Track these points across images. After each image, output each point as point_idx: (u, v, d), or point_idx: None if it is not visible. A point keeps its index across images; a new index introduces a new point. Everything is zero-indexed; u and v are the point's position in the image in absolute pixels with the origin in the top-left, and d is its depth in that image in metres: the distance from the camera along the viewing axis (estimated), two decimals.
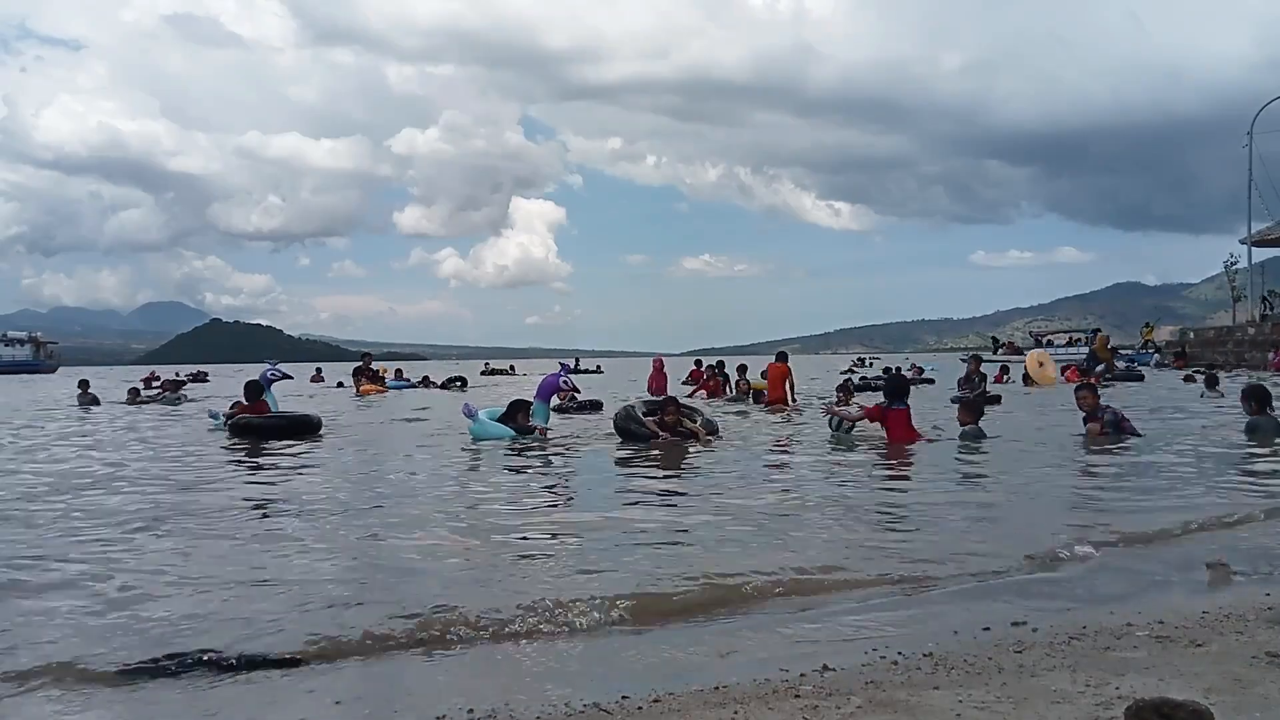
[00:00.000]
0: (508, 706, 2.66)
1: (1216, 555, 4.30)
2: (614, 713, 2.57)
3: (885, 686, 2.69)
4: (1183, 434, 9.96)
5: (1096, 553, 4.50)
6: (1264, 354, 31.24)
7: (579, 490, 7.10)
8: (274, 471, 8.45)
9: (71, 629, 3.51)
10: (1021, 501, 6.18)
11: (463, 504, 6.38)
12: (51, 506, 6.40)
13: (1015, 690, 2.59)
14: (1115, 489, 6.63)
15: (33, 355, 73.16)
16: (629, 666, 3.05)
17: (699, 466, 8.21)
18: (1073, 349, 49.16)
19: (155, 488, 7.33)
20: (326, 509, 6.20)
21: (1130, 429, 9.41)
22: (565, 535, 5.21)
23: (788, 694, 2.64)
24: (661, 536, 5.08)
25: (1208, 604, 3.54)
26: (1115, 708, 2.34)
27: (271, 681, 2.94)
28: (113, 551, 4.87)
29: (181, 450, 10.40)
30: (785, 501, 6.15)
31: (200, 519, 5.84)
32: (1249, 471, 7.34)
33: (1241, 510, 5.57)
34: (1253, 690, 2.54)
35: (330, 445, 10.69)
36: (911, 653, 3.03)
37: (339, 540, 5.17)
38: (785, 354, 17.81)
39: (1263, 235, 40.48)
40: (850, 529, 5.23)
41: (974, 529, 5.26)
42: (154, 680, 2.95)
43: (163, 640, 3.31)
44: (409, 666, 3.12)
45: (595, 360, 58.97)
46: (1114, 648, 3.01)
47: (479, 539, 5.09)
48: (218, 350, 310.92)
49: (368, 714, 2.69)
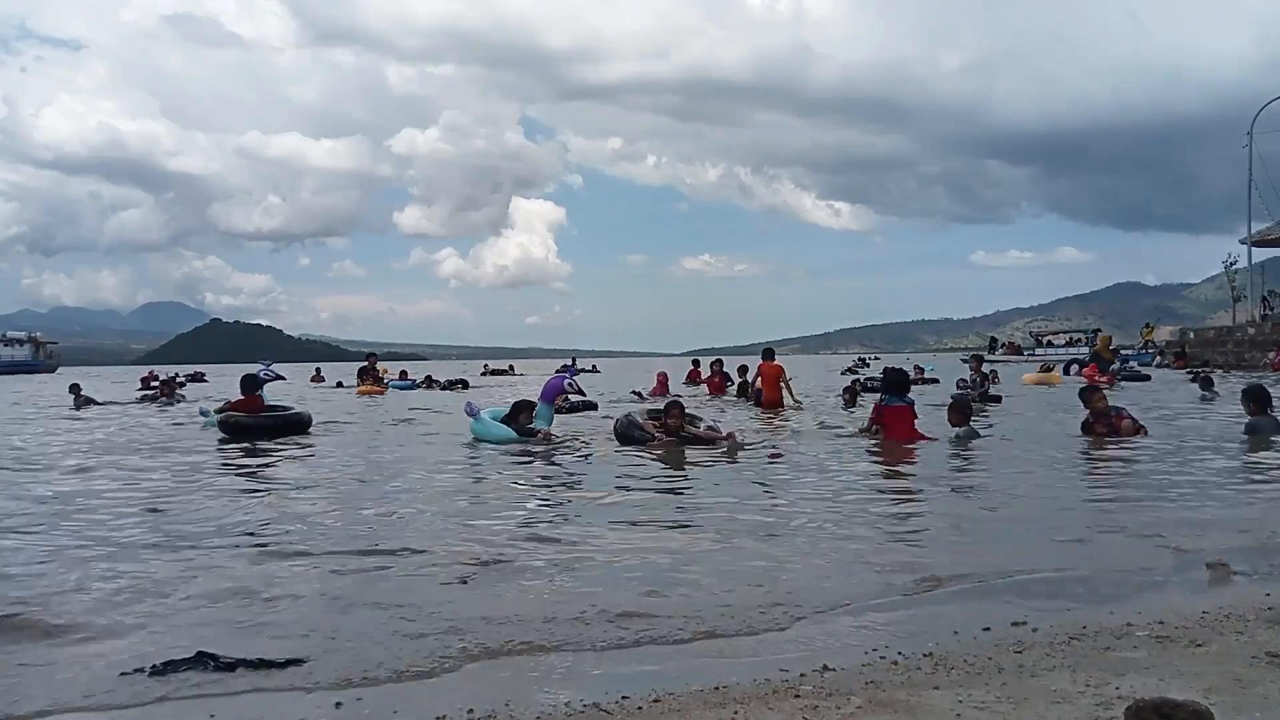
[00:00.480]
0: (508, 707, 2.66)
1: (1216, 555, 4.30)
2: (614, 713, 2.57)
3: (885, 686, 2.69)
4: (1187, 435, 9.95)
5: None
6: (1264, 354, 31.25)
7: (580, 497, 7.08)
8: (269, 473, 8.45)
9: (67, 629, 3.51)
10: (1023, 506, 6.17)
11: (463, 509, 6.38)
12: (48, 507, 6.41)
13: (1015, 690, 2.59)
14: (1115, 489, 6.63)
15: (32, 355, 73.14)
16: (629, 667, 3.04)
17: (698, 471, 8.20)
18: (1073, 349, 49.14)
19: (141, 493, 7.32)
20: (324, 509, 6.21)
21: (1133, 427, 9.35)
22: (565, 544, 5.21)
23: (788, 694, 2.64)
24: (661, 542, 5.08)
25: (1208, 604, 3.54)
26: (1115, 708, 2.34)
27: (271, 682, 2.94)
28: (109, 553, 4.87)
29: (171, 450, 10.39)
30: (778, 508, 6.15)
31: (197, 518, 5.84)
32: (1248, 471, 7.34)
33: (1242, 510, 5.57)
34: (1253, 690, 2.54)
35: (330, 444, 10.69)
36: (911, 653, 3.03)
37: (336, 539, 5.16)
38: (772, 351, 16.68)
39: (1263, 235, 40.49)
40: (842, 535, 5.23)
41: (965, 535, 5.25)
42: (153, 681, 2.94)
43: (162, 641, 3.32)
44: (409, 667, 3.11)
45: (592, 360, 58.96)
46: (1114, 648, 3.01)
47: (479, 544, 5.09)
48: (218, 350, 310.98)
49: (368, 714, 2.68)
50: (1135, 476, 7.26)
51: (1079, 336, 56.65)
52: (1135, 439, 9.14)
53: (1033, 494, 6.46)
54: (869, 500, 6.22)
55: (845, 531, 5.17)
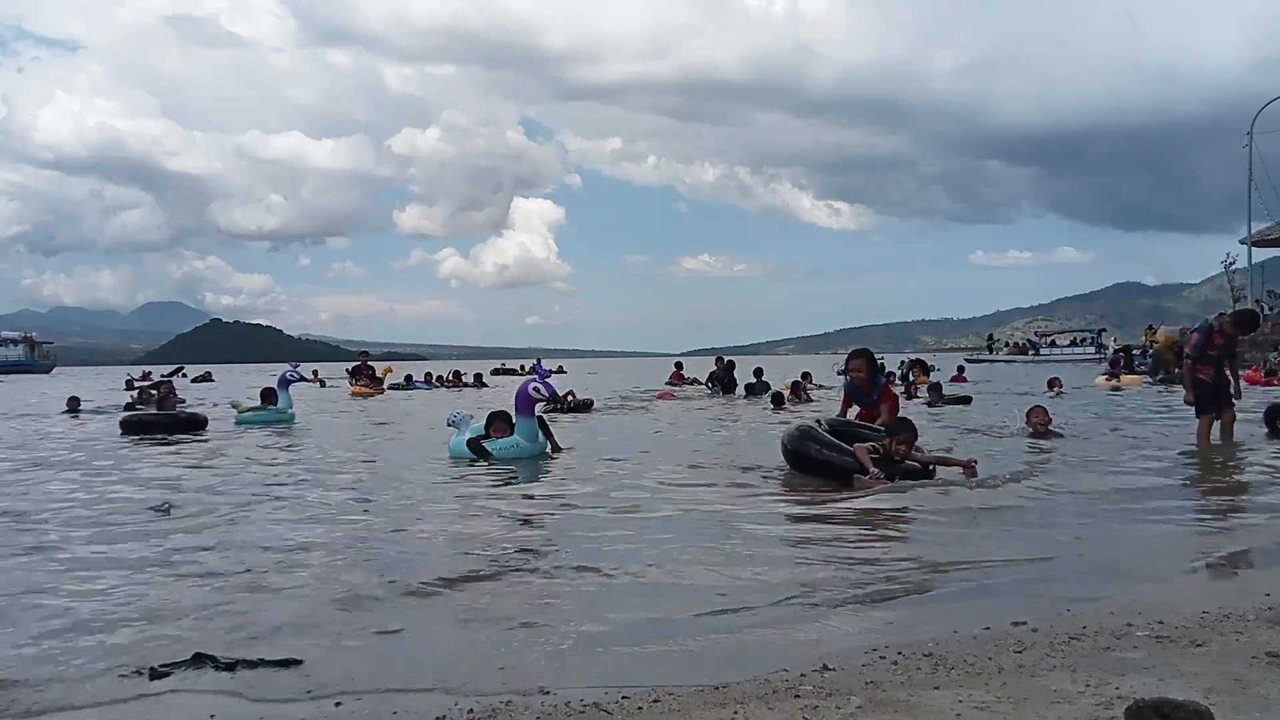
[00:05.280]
0: (508, 707, 2.66)
1: (1217, 555, 4.30)
2: (614, 713, 2.57)
3: (885, 686, 2.68)
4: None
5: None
6: (1264, 354, 31.23)
7: (580, 497, 7.05)
8: (269, 473, 8.45)
9: (67, 630, 3.51)
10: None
11: (463, 509, 6.38)
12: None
13: (1015, 690, 2.59)
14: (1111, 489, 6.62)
15: (26, 355, 72.61)
16: (629, 666, 3.04)
17: (699, 471, 8.18)
18: (1078, 349, 49.13)
19: (131, 487, 7.33)
20: (316, 499, 6.21)
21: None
22: (565, 545, 5.20)
23: (788, 694, 2.64)
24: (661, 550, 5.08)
25: (1208, 604, 3.54)
26: (1115, 708, 2.34)
27: (270, 682, 2.94)
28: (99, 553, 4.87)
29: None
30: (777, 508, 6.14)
31: (194, 521, 5.84)
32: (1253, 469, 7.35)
33: (1243, 510, 5.57)
34: (1253, 690, 2.54)
35: (325, 442, 10.68)
36: (911, 653, 3.03)
37: (332, 541, 5.17)
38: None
39: (1262, 235, 40.51)
40: (842, 534, 5.23)
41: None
42: (151, 682, 2.94)
43: (159, 642, 3.32)
44: (408, 668, 3.11)
45: (592, 361, 58.86)
46: (1114, 648, 3.01)
47: (479, 544, 5.09)
48: (217, 350, 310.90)
49: (368, 715, 2.68)
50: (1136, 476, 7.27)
51: (1084, 336, 56.64)
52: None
53: (1030, 494, 6.45)
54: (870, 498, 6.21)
55: (846, 531, 5.18)
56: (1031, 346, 55.53)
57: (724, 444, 10.60)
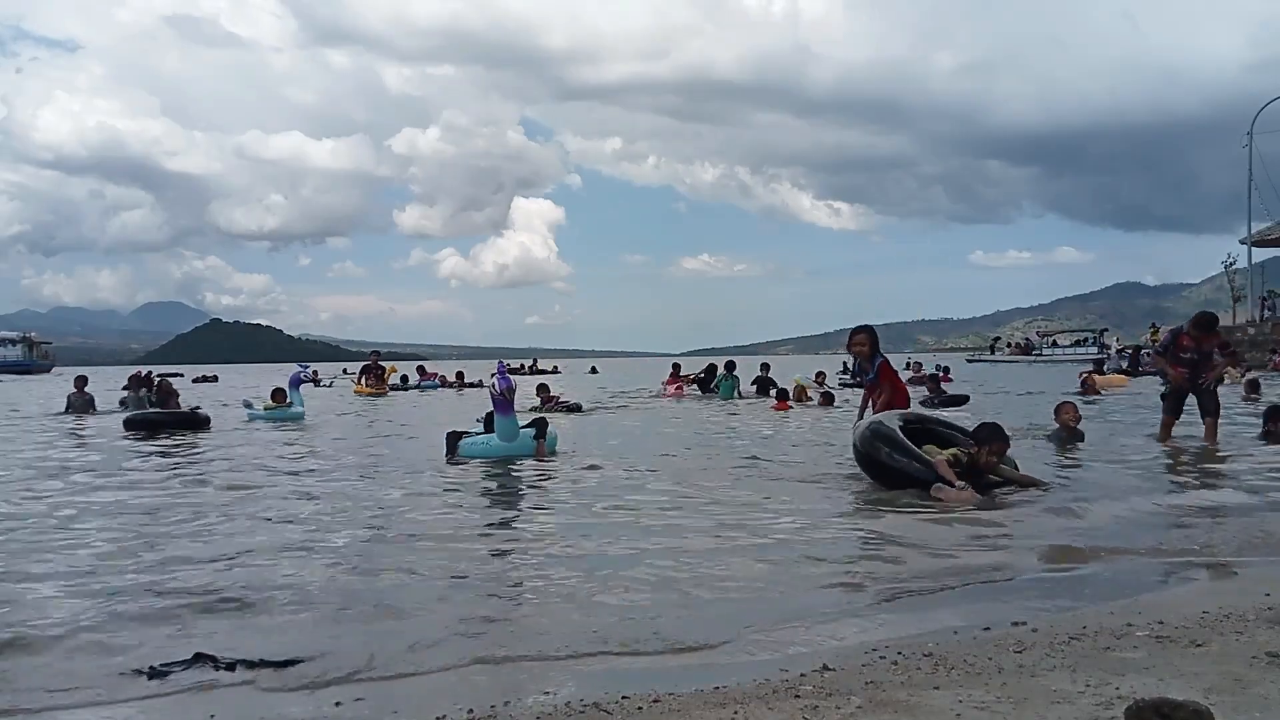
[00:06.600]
0: (507, 707, 2.66)
1: (1218, 555, 4.30)
2: (614, 713, 2.57)
3: (885, 686, 2.68)
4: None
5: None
6: (1264, 354, 31.24)
7: (579, 496, 7.06)
8: (267, 472, 8.45)
9: (67, 630, 3.51)
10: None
11: (462, 509, 6.37)
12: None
13: (1015, 690, 2.59)
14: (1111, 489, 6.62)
15: (25, 355, 72.29)
16: (629, 667, 3.04)
17: (698, 471, 8.17)
18: (1080, 349, 49.09)
19: (141, 493, 7.33)
20: (319, 509, 6.20)
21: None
22: (565, 544, 5.20)
23: (788, 694, 2.64)
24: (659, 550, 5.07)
25: (1208, 604, 3.54)
26: (1115, 708, 2.34)
27: (270, 682, 2.94)
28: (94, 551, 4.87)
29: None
30: (777, 506, 6.14)
31: (194, 522, 5.84)
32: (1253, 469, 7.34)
33: (1242, 510, 5.57)
34: (1253, 690, 2.54)
35: (328, 441, 10.68)
36: (911, 653, 3.03)
37: (332, 541, 5.17)
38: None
39: (1262, 235, 40.52)
40: (842, 535, 5.22)
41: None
42: (151, 682, 2.94)
43: (159, 642, 3.32)
44: (408, 668, 3.11)
45: (592, 360, 58.92)
46: (1114, 648, 3.01)
47: (479, 545, 5.09)
48: (217, 350, 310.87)
49: (367, 715, 2.68)
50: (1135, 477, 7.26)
51: (1086, 336, 56.61)
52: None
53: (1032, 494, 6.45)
54: (870, 499, 6.22)
55: (846, 532, 5.17)
56: (1032, 347, 55.55)
57: (721, 443, 10.59)
